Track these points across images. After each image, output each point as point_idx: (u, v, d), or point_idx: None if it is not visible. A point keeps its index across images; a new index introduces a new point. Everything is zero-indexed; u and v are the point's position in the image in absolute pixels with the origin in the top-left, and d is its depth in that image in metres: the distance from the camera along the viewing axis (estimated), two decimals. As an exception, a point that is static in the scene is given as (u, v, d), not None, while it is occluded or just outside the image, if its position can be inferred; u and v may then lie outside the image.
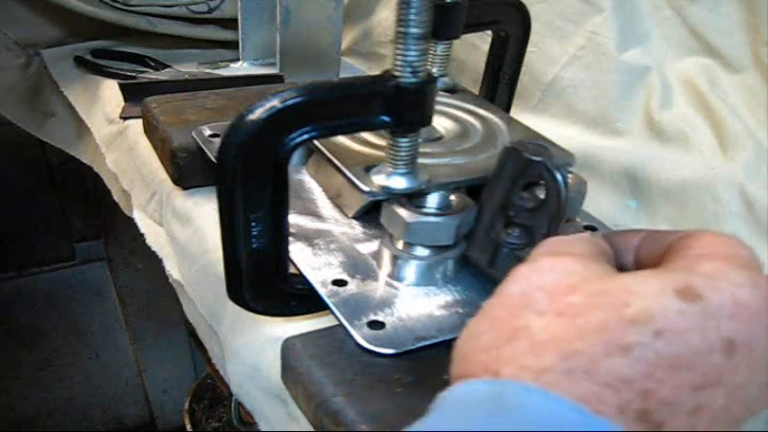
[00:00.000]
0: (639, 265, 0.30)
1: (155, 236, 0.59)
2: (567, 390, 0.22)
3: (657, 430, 0.22)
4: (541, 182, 0.36)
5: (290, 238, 0.38)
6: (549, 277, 0.25)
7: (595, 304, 0.23)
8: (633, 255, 0.31)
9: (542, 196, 0.36)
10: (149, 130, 0.60)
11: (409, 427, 0.22)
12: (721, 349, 0.23)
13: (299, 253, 0.42)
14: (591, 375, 0.22)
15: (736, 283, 0.24)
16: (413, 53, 0.34)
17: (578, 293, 0.24)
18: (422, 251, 0.40)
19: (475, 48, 0.69)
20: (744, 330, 0.23)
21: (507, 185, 0.38)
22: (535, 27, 0.57)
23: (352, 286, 0.40)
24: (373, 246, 0.44)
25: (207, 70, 0.82)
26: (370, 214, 0.46)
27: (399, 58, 0.35)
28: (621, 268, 0.30)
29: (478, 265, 0.40)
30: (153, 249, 0.59)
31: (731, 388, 0.23)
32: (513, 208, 0.38)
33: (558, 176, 0.35)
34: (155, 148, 0.59)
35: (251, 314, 0.39)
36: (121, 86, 0.70)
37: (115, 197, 0.75)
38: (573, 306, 0.24)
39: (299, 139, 0.34)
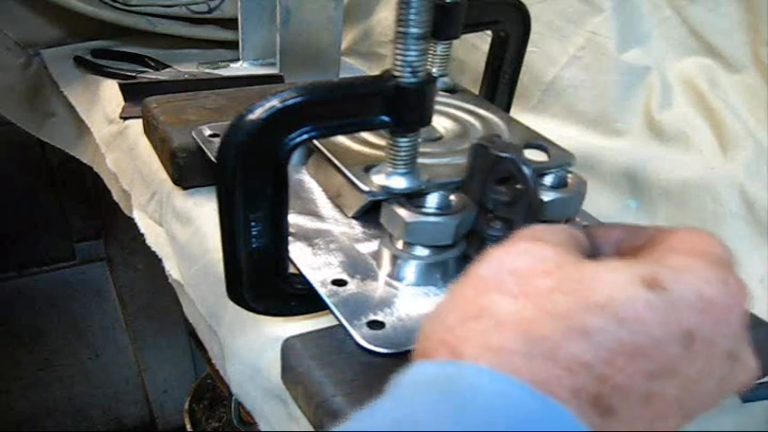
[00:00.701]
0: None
1: (155, 236, 0.59)
2: (526, 371, 0.22)
3: (608, 416, 0.22)
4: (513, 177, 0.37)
5: (290, 238, 0.38)
6: (522, 261, 0.25)
7: (563, 289, 0.23)
8: (614, 248, 0.31)
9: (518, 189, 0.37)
10: (149, 130, 0.60)
11: (362, 410, 0.22)
12: (680, 340, 0.23)
13: (298, 253, 0.42)
14: (551, 358, 0.22)
15: (704, 279, 0.24)
16: (413, 53, 0.34)
17: (549, 278, 0.24)
18: (421, 251, 0.40)
19: (475, 48, 0.69)
20: (705, 324, 0.23)
21: (481, 181, 0.38)
22: (535, 27, 0.57)
23: (352, 286, 0.39)
24: (373, 246, 0.44)
25: (207, 70, 0.82)
26: (369, 214, 0.46)
27: (399, 58, 0.35)
28: None
29: (471, 258, 0.41)
30: (153, 249, 0.59)
31: (686, 380, 0.23)
32: (490, 202, 0.38)
33: (527, 171, 0.35)
34: (155, 148, 0.59)
35: (251, 314, 0.39)
36: (121, 86, 0.70)
37: (115, 197, 0.75)
38: (541, 290, 0.24)
39: (298, 139, 0.34)
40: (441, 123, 0.51)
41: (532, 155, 0.46)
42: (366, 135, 0.46)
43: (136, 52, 0.85)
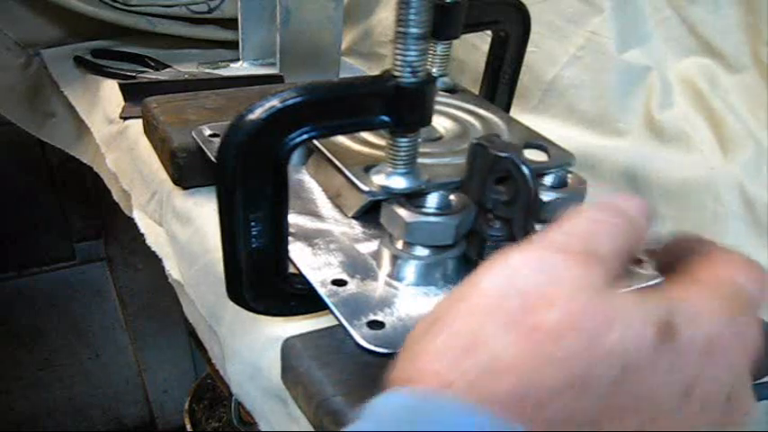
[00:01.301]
0: (661, 263, 0.30)
1: (155, 236, 0.59)
2: (512, 414, 0.21)
3: None
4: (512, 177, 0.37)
5: (290, 238, 0.38)
6: (534, 280, 0.23)
7: (569, 332, 0.22)
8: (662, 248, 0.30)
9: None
10: (149, 130, 0.60)
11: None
12: (678, 393, 0.22)
13: (298, 253, 0.42)
14: (544, 406, 0.21)
15: (715, 321, 0.23)
16: (412, 53, 0.34)
17: (554, 311, 0.22)
18: (421, 251, 0.40)
19: (475, 48, 0.69)
20: (706, 370, 0.23)
21: (480, 181, 0.38)
22: (535, 27, 0.57)
23: (352, 286, 0.39)
24: (373, 246, 0.43)
25: (207, 70, 0.82)
26: (369, 214, 0.46)
27: (399, 58, 0.35)
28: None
29: (471, 259, 0.41)
30: (153, 249, 0.59)
31: (677, 425, 0.23)
32: (490, 202, 0.38)
33: (526, 171, 0.35)
34: (155, 148, 0.59)
35: (251, 314, 0.39)
36: (121, 86, 0.70)
37: (115, 197, 0.75)
38: (545, 328, 0.22)
39: (298, 139, 0.34)
40: (441, 123, 0.51)
41: (532, 155, 0.46)
42: (366, 135, 0.46)
43: (136, 52, 0.85)
